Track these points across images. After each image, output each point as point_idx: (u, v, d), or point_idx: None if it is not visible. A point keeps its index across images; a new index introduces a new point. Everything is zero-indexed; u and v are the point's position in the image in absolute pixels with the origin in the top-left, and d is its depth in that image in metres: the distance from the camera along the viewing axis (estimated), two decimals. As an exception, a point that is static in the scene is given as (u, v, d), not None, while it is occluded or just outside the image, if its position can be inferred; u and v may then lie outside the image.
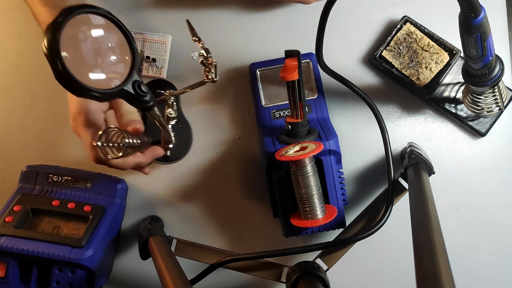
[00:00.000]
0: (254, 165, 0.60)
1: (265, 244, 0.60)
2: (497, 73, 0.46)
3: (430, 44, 0.56)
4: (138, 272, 0.60)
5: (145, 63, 0.59)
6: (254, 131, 0.60)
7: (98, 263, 0.53)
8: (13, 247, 0.50)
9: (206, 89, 0.61)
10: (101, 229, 0.54)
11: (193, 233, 0.60)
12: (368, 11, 0.60)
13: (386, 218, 0.50)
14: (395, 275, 0.59)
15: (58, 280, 0.51)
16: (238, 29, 0.61)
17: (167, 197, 0.60)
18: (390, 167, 0.52)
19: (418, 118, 0.60)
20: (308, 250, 0.51)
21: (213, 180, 0.60)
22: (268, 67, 0.57)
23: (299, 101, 0.49)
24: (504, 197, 0.59)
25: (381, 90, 0.60)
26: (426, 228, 0.38)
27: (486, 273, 0.59)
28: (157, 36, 0.59)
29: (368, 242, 0.52)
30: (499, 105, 0.52)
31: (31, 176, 0.58)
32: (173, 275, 0.43)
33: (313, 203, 0.48)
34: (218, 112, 0.60)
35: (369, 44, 0.60)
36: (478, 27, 0.40)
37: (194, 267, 0.53)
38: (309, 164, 0.47)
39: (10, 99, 0.62)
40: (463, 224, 0.59)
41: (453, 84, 0.58)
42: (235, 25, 0.61)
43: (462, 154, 0.59)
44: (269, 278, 0.52)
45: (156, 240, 0.51)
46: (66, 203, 0.55)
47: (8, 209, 0.54)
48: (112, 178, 0.58)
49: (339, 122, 0.59)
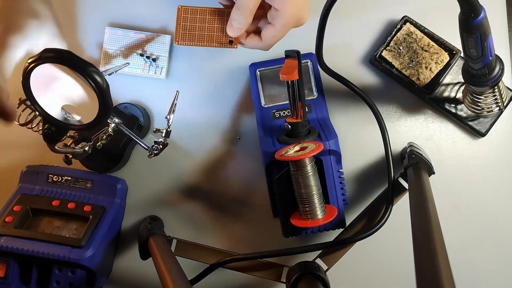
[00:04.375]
0: (254, 165, 0.60)
1: (265, 244, 0.60)
2: (497, 73, 0.46)
3: (430, 44, 0.56)
4: (138, 272, 0.60)
5: (145, 63, 0.60)
6: (254, 131, 0.60)
7: (98, 263, 0.53)
8: (13, 247, 0.50)
9: (206, 89, 0.61)
10: (101, 229, 0.54)
11: (193, 233, 0.60)
12: (368, 11, 0.60)
13: (386, 218, 0.50)
14: (395, 275, 0.59)
15: (58, 280, 0.51)
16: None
17: (167, 197, 0.60)
18: (390, 167, 0.53)
19: (418, 118, 0.60)
20: (308, 250, 0.51)
21: (213, 180, 0.60)
22: (268, 67, 0.57)
23: (299, 101, 0.49)
24: (504, 197, 0.59)
25: (381, 90, 0.60)
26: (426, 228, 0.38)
27: (486, 273, 0.59)
28: (157, 36, 0.59)
29: (368, 242, 0.52)
30: (499, 105, 0.52)
31: (31, 176, 0.58)
32: (173, 275, 0.43)
33: (313, 203, 0.48)
34: (218, 112, 0.61)
35: (369, 44, 0.60)
36: (478, 27, 0.40)
37: (194, 267, 0.53)
38: (309, 164, 0.47)
39: (10, 99, 0.62)
40: (463, 224, 0.59)
41: (453, 84, 0.58)
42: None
43: (462, 154, 0.59)
44: (269, 278, 0.52)
45: (156, 240, 0.51)
46: (66, 203, 0.55)
47: (8, 209, 0.54)
48: (112, 178, 0.58)
49: (339, 122, 0.59)
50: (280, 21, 0.47)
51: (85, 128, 0.41)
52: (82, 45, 0.61)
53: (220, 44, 0.51)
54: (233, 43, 0.51)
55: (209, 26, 0.51)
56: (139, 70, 0.60)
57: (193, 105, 0.61)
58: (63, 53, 0.37)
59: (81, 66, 0.37)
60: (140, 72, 0.60)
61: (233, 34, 0.49)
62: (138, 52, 0.59)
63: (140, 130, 0.58)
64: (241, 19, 0.47)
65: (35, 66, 0.37)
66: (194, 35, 0.51)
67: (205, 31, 0.51)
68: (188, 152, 0.60)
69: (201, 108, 0.61)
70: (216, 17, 0.51)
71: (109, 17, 0.61)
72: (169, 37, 0.60)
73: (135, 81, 0.61)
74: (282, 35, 0.49)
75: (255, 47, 0.51)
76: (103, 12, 0.61)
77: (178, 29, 0.51)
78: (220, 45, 0.51)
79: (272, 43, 0.50)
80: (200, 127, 0.60)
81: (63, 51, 0.37)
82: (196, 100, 0.61)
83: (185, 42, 0.51)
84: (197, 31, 0.51)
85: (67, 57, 0.37)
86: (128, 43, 0.59)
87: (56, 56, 0.37)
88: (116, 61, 0.59)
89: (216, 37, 0.51)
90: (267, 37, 0.49)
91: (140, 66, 0.60)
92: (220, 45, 0.51)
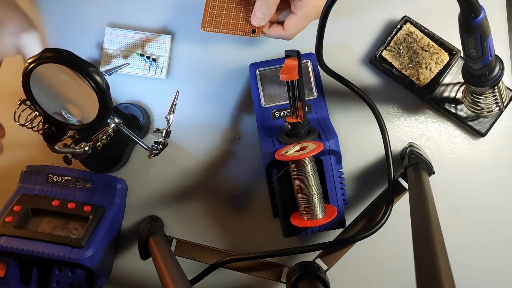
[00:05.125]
0: (254, 165, 0.60)
1: (265, 244, 0.60)
2: (497, 73, 0.46)
3: (430, 44, 0.56)
4: (138, 272, 0.60)
5: (145, 63, 0.60)
6: (254, 131, 0.60)
7: (98, 263, 0.53)
8: (13, 247, 0.50)
9: (206, 89, 0.61)
10: (101, 229, 0.54)
11: (193, 233, 0.60)
12: (368, 11, 0.60)
13: (386, 218, 0.50)
14: (395, 275, 0.59)
15: (58, 280, 0.51)
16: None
17: (167, 197, 0.60)
18: (390, 167, 0.53)
19: (418, 118, 0.60)
20: (308, 250, 0.51)
21: (213, 180, 0.60)
22: (268, 67, 0.57)
23: (299, 101, 0.49)
24: (504, 197, 0.59)
25: (381, 90, 0.60)
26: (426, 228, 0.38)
27: (486, 273, 0.59)
28: (157, 36, 0.59)
29: (368, 242, 0.52)
30: (499, 105, 0.52)
31: (31, 176, 0.58)
32: (173, 275, 0.43)
33: (313, 203, 0.48)
34: (218, 112, 0.61)
35: (369, 44, 0.60)
36: (478, 27, 0.40)
37: (194, 267, 0.53)
38: (309, 164, 0.47)
39: (11, 99, 0.62)
40: (463, 224, 0.59)
41: (453, 84, 0.58)
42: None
43: (462, 154, 0.59)
44: (269, 278, 0.52)
45: (156, 240, 0.51)
46: (66, 203, 0.55)
47: (8, 209, 0.54)
48: (112, 178, 0.58)
49: (339, 122, 0.59)
50: (303, 11, 0.50)
51: (85, 128, 0.41)
52: (82, 45, 0.61)
53: (244, 32, 0.53)
54: (256, 32, 0.53)
55: (235, 14, 0.53)
56: (139, 70, 0.60)
57: (193, 105, 0.61)
58: (63, 53, 0.37)
59: (81, 66, 0.37)
60: (140, 72, 0.60)
61: (256, 24, 0.51)
62: (138, 52, 0.59)
63: (140, 130, 0.58)
64: (264, 10, 0.50)
65: (35, 66, 0.37)
66: (220, 22, 0.53)
67: (230, 19, 0.53)
68: (188, 152, 0.60)
69: (201, 108, 0.61)
70: (242, 6, 0.53)
71: (109, 17, 0.61)
72: (169, 37, 0.60)
73: (135, 81, 0.61)
74: (304, 24, 0.51)
75: (279, 36, 0.53)
76: (103, 12, 0.61)
77: (205, 16, 0.53)
78: (243, 33, 0.53)
79: (295, 33, 0.52)
80: (200, 127, 0.60)
81: (63, 51, 0.37)
82: (196, 100, 0.61)
83: (210, 29, 0.53)
84: (223, 19, 0.53)
85: (67, 57, 0.37)
86: (128, 43, 0.59)
87: (56, 56, 0.37)
88: (116, 61, 0.60)
89: (241, 25, 0.53)
90: (290, 26, 0.51)
91: (140, 66, 0.60)
92: (244, 34, 0.53)
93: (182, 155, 0.60)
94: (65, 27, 0.61)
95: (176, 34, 0.61)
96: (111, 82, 0.62)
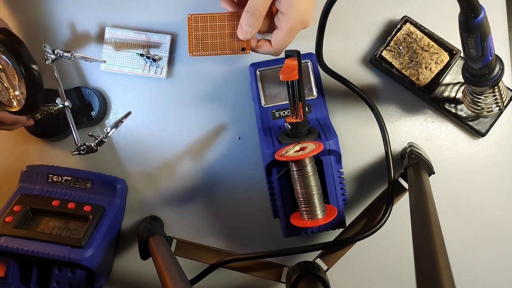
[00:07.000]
0: (254, 165, 0.60)
1: (265, 244, 0.60)
2: (497, 73, 0.46)
3: (430, 44, 0.56)
4: (138, 272, 0.60)
5: (145, 63, 0.60)
6: (254, 131, 0.60)
7: (98, 263, 0.53)
8: (13, 247, 0.50)
9: (206, 89, 0.61)
10: (101, 229, 0.54)
11: (193, 233, 0.60)
12: (368, 11, 0.60)
13: (386, 218, 0.50)
14: (395, 275, 0.59)
15: (58, 280, 0.51)
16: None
17: (167, 197, 0.60)
18: (390, 167, 0.53)
19: (418, 118, 0.60)
20: (308, 250, 0.51)
21: (213, 180, 0.60)
22: (268, 67, 0.57)
23: (299, 101, 0.49)
24: (504, 197, 0.59)
25: (381, 90, 0.60)
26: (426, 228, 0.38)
27: (486, 273, 0.59)
28: (157, 36, 0.59)
29: (368, 242, 0.52)
30: (499, 105, 0.52)
31: (31, 176, 0.58)
32: (173, 275, 0.43)
33: (313, 203, 0.48)
34: (218, 112, 0.61)
35: (369, 44, 0.60)
36: (478, 27, 0.40)
37: (194, 267, 0.53)
38: (309, 164, 0.47)
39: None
40: (463, 224, 0.59)
41: (453, 84, 0.58)
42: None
43: (462, 154, 0.59)
44: (269, 278, 0.52)
45: (156, 240, 0.51)
46: (66, 203, 0.55)
47: (8, 209, 0.54)
48: (112, 178, 0.58)
49: (339, 122, 0.59)
50: (286, 25, 0.48)
51: (17, 114, 0.44)
52: (82, 46, 0.61)
53: (233, 51, 0.51)
54: (246, 50, 0.51)
55: (220, 32, 0.51)
56: (139, 70, 0.60)
57: (193, 105, 0.61)
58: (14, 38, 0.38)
59: (20, 58, 0.38)
60: (140, 72, 0.60)
61: (243, 37, 0.50)
62: (138, 52, 0.59)
63: (89, 120, 0.58)
64: (251, 22, 0.48)
65: None
66: (207, 43, 0.51)
67: (217, 39, 0.51)
68: (188, 152, 0.60)
69: (201, 108, 0.61)
70: (226, 23, 0.51)
71: (109, 17, 0.61)
72: (169, 37, 0.60)
73: (135, 81, 0.61)
74: (290, 39, 0.50)
75: (267, 53, 0.52)
76: (103, 12, 0.61)
77: (190, 40, 0.51)
78: (233, 52, 0.51)
79: (282, 48, 0.51)
80: (200, 127, 0.60)
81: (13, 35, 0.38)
82: (196, 100, 0.61)
83: (199, 53, 0.51)
84: (209, 39, 0.51)
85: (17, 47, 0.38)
86: (128, 43, 0.59)
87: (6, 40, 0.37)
88: (116, 61, 0.59)
89: (228, 43, 0.51)
90: (276, 42, 0.50)
91: (140, 66, 0.60)
92: (233, 52, 0.51)
93: (182, 155, 0.60)
94: (65, 27, 0.61)
95: (176, 34, 0.61)
96: (113, 82, 0.62)
